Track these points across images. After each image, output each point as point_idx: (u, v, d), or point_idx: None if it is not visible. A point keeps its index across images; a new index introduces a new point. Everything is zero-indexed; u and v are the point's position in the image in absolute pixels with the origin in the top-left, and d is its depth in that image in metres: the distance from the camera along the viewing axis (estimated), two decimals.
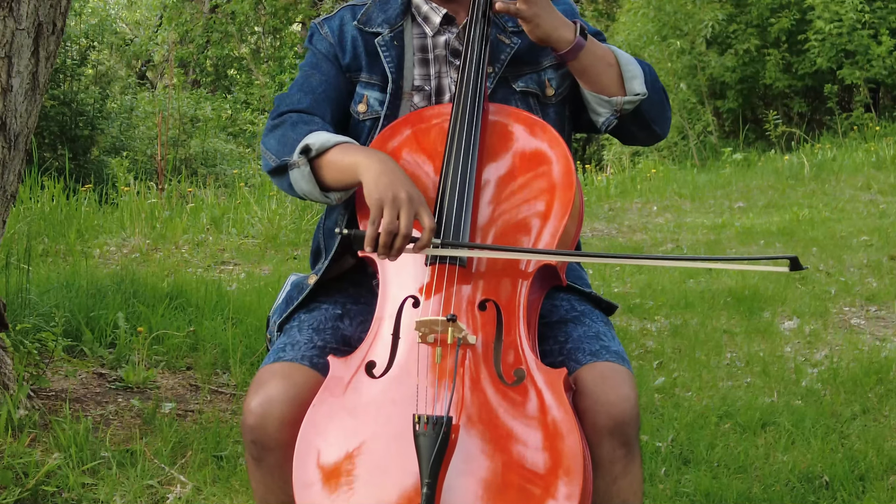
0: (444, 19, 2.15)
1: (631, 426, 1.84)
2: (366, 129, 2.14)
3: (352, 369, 1.85)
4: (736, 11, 13.36)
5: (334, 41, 2.17)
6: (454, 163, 1.94)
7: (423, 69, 2.15)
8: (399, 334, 1.86)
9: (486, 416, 1.76)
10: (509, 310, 1.85)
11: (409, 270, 1.92)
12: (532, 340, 1.86)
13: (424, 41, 2.16)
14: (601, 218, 8.32)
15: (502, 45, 2.12)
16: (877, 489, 2.98)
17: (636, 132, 2.14)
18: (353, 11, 2.20)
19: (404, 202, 1.82)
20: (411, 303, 1.88)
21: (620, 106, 2.06)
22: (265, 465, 1.89)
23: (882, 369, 4.04)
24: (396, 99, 2.12)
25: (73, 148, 11.54)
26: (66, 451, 2.95)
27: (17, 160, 2.91)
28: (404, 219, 1.81)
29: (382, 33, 2.14)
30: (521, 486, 1.71)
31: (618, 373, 1.88)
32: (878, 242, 6.61)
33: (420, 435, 1.70)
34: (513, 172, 1.98)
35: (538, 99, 2.14)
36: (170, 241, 6.43)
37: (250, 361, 3.83)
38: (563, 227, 1.91)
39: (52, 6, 2.88)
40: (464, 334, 1.80)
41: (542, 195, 1.94)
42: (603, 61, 2.05)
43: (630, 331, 4.78)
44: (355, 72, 2.16)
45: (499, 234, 1.92)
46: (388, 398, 1.80)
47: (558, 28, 2.00)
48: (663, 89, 2.15)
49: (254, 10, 17.35)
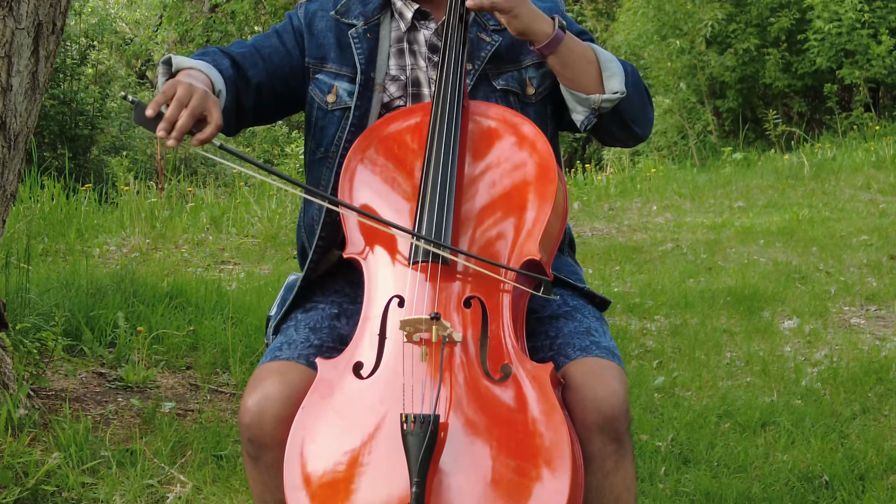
0: (418, 14, 2.17)
1: (621, 421, 1.84)
2: (335, 119, 2.15)
3: (339, 370, 1.85)
4: (736, 11, 13.36)
5: (304, 23, 2.20)
6: (435, 161, 1.94)
7: (399, 60, 2.17)
8: (385, 334, 1.86)
9: (474, 413, 1.76)
10: (494, 306, 1.84)
11: (394, 270, 1.92)
12: (519, 336, 1.86)
13: (401, 34, 2.18)
14: (601, 217, 8.32)
15: (483, 43, 2.13)
16: (877, 489, 2.98)
17: (616, 132, 2.13)
18: (335, 1, 2.22)
19: (199, 91, 1.81)
20: (396, 302, 1.88)
21: (598, 104, 2.05)
22: (262, 464, 1.89)
23: (882, 369, 4.04)
24: (367, 91, 2.13)
25: (73, 147, 11.54)
26: (66, 451, 2.95)
27: (16, 160, 2.91)
28: (195, 100, 1.79)
29: (356, 25, 2.17)
30: (511, 482, 1.70)
31: (606, 368, 1.87)
32: (877, 242, 6.61)
33: (408, 434, 1.69)
34: (494, 168, 1.98)
35: (519, 97, 2.14)
36: (170, 241, 6.43)
37: (250, 361, 3.83)
38: (545, 223, 1.90)
39: (52, 6, 2.88)
40: (448, 332, 1.79)
41: (523, 190, 1.94)
42: (582, 58, 2.05)
43: (630, 330, 4.78)
44: (319, 59, 2.18)
45: (482, 232, 1.92)
46: (376, 398, 1.80)
47: (536, 20, 2.00)
48: (646, 90, 2.15)
49: (254, 9, 17.35)
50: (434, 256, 1.87)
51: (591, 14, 16.60)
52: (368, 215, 1.93)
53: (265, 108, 2.19)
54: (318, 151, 2.17)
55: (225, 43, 17.72)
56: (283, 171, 10.16)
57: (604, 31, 15.75)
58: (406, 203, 1.97)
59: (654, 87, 14.21)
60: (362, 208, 1.97)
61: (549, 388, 1.76)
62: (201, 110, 1.79)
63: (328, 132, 2.15)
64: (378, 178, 2.02)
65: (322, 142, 2.16)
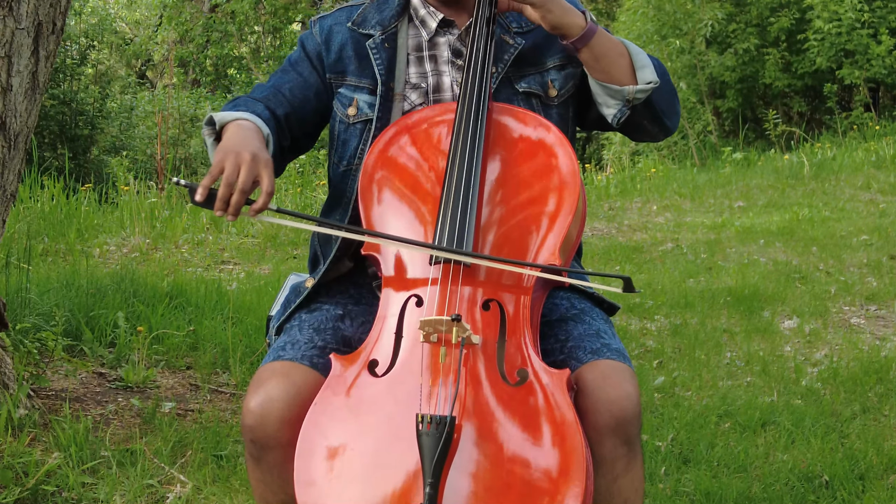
0: (442, 23, 2.15)
1: (633, 424, 1.84)
2: (357, 132, 2.14)
3: (354, 368, 1.84)
4: (735, 11, 13.36)
5: (321, 41, 2.19)
6: (458, 163, 1.93)
7: (419, 67, 2.15)
8: (402, 333, 1.85)
9: (490, 417, 1.75)
10: (513, 310, 1.84)
11: (413, 268, 1.91)
12: (535, 340, 1.86)
13: (420, 41, 2.16)
14: (601, 217, 8.31)
15: (506, 46, 2.12)
16: (877, 488, 2.98)
17: (647, 125, 2.12)
18: (350, 12, 2.21)
19: (246, 160, 1.81)
20: (414, 301, 1.88)
21: (632, 95, 2.03)
22: (265, 464, 1.89)
23: (882, 369, 4.04)
24: (387, 101, 2.12)
25: (73, 147, 11.54)
26: (66, 451, 2.95)
27: (16, 159, 2.91)
28: (244, 174, 1.79)
29: (374, 35, 2.15)
30: (524, 487, 1.70)
31: (619, 371, 1.87)
32: (877, 242, 6.61)
33: (423, 434, 1.69)
34: (517, 173, 1.97)
35: (541, 100, 2.13)
36: (170, 241, 6.42)
37: (250, 361, 3.83)
38: (566, 229, 1.90)
39: (51, 5, 2.88)
40: (467, 334, 1.79)
41: (546, 197, 1.93)
42: (614, 50, 2.04)
43: (630, 330, 4.78)
44: (339, 74, 2.17)
45: (502, 236, 1.92)
46: (391, 397, 1.80)
47: (569, 13, 2.00)
48: (671, 83, 2.14)
49: (253, 9, 17.34)
50: None
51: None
52: (399, 239, 1.91)
53: (300, 139, 2.20)
54: (342, 165, 2.16)
55: (225, 42, 17.72)
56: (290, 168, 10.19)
57: None
58: (429, 205, 1.96)
59: None
60: (382, 216, 1.97)
61: (565, 393, 1.76)
62: (252, 180, 1.80)
63: (350, 145, 2.15)
64: (402, 177, 2.01)
65: (345, 155, 2.16)
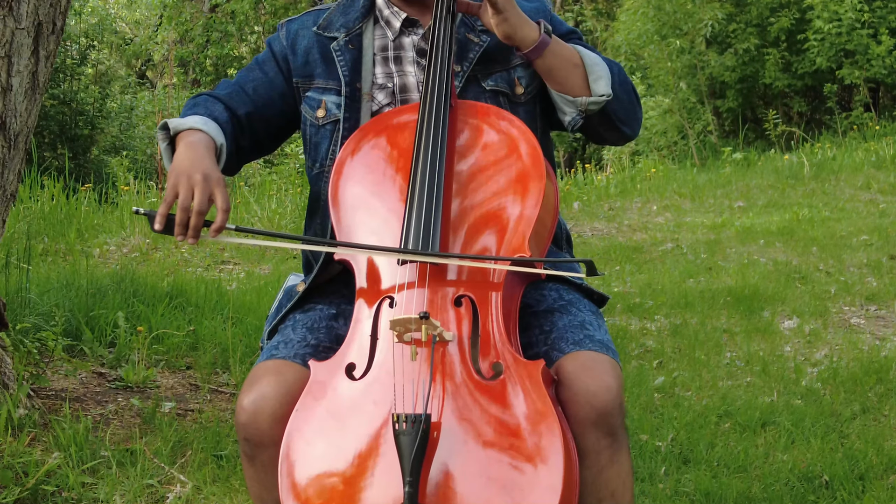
0: (406, 22, 2.17)
1: (615, 416, 1.83)
2: (327, 133, 2.16)
3: (332, 372, 1.85)
4: (736, 11, 13.37)
5: (287, 44, 2.21)
6: (422, 163, 1.94)
7: (385, 67, 2.17)
8: (377, 335, 1.86)
9: (466, 412, 1.76)
10: (485, 304, 1.84)
11: (385, 271, 1.92)
12: (511, 333, 1.85)
13: (386, 42, 2.18)
14: (601, 217, 8.32)
15: (471, 44, 2.13)
16: (877, 489, 2.98)
17: (603, 132, 2.15)
18: (316, 16, 2.23)
19: (199, 181, 1.83)
20: (388, 303, 1.88)
21: (585, 106, 2.06)
22: (259, 463, 1.89)
23: (882, 369, 4.04)
24: (354, 101, 2.14)
25: (73, 147, 11.55)
26: (66, 451, 2.95)
27: (16, 159, 2.91)
28: (198, 196, 1.82)
29: (338, 38, 2.17)
30: (504, 480, 1.70)
31: (599, 362, 1.86)
32: (878, 242, 6.61)
33: (400, 434, 1.69)
34: (482, 167, 1.98)
35: (508, 98, 2.14)
36: (169, 241, 6.42)
37: (250, 361, 3.83)
38: (534, 219, 1.90)
39: (51, 5, 2.88)
40: (438, 331, 1.79)
41: (510, 188, 1.94)
42: (568, 62, 2.06)
43: (630, 330, 4.78)
44: (307, 77, 2.19)
45: (470, 232, 1.92)
46: (369, 399, 1.80)
47: (523, 26, 2.02)
48: (634, 90, 2.16)
49: (254, 9, 17.35)
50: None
51: (591, 14, 16.60)
52: (362, 246, 1.93)
53: (262, 140, 2.22)
54: (315, 167, 2.19)
55: (225, 42, 17.73)
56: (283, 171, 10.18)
57: (604, 31, 15.74)
58: (397, 204, 1.97)
59: (654, 87, 14.22)
60: (352, 219, 1.99)
61: (540, 384, 1.76)
62: (207, 200, 1.83)
63: (322, 147, 2.16)
64: (368, 179, 2.03)
65: (317, 157, 2.18)
